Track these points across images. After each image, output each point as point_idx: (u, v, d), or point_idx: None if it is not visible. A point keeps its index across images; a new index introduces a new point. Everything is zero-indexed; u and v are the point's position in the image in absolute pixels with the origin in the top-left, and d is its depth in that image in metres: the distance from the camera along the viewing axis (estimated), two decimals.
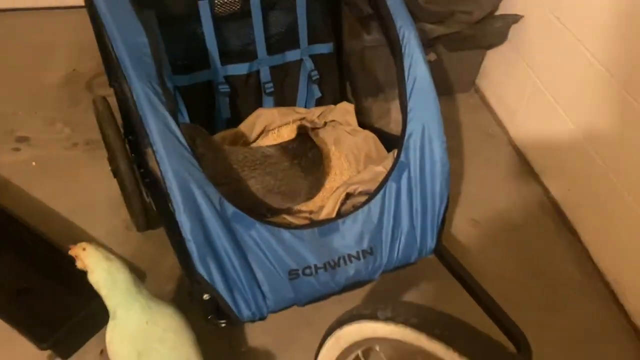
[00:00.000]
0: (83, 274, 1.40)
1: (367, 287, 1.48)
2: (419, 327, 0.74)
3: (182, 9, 1.35)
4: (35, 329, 1.26)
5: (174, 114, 1.02)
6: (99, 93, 2.09)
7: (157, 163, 1.02)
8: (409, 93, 1.20)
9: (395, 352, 0.86)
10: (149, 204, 1.50)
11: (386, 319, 0.79)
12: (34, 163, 1.83)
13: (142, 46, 1.04)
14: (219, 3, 1.38)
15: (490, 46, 2.03)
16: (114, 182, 1.72)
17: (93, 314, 1.34)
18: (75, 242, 1.48)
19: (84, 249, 1.08)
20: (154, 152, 1.02)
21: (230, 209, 1.06)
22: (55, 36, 2.37)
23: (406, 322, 0.75)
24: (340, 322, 0.89)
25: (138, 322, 1.07)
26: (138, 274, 1.50)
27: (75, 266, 1.38)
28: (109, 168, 1.68)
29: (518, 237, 1.71)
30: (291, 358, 1.37)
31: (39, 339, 1.23)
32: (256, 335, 1.41)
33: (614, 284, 1.56)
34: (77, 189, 1.75)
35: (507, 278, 1.57)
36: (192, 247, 1.03)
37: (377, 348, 0.88)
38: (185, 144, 1.02)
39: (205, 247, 1.04)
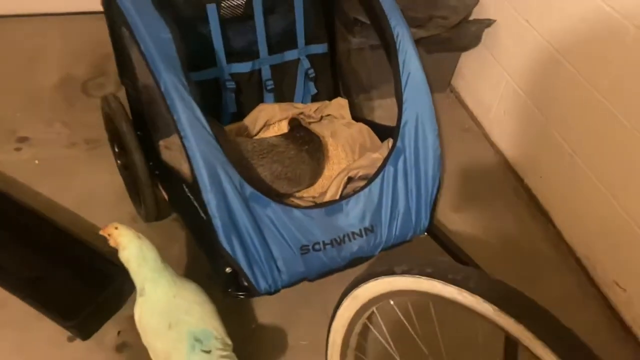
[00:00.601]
0: (93, 262, 1.49)
1: (365, 265, 1.60)
2: (433, 275, 0.86)
3: (191, 11, 1.46)
4: (59, 309, 1.33)
5: (199, 104, 1.12)
6: (95, 95, 2.19)
7: (185, 148, 1.12)
8: (403, 85, 1.33)
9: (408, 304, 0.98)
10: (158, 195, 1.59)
11: (402, 272, 0.91)
12: (36, 161, 1.89)
13: (168, 42, 1.14)
14: (225, 7, 1.50)
15: (466, 48, 2.20)
16: (117, 177, 1.81)
17: (109, 299, 1.42)
18: (84, 232, 1.57)
19: (116, 228, 1.17)
20: (181, 137, 1.12)
21: (248, 189, 1.17)
22: (48, 42, 2.43)
23: (421, 273, 0.88)
24: (357, 282, 1.01)
25: (166, 296, 1.16)
26: None
27: (85, 255, 1.47)
28: (116, 163, 1.77)
29: (496, 221, 1.86)
30: (297, 332, 1.48)
31: (65, 318, 1.30)
32: (263, 313, 1.51)
33: (584, 259, 1.72)
34: (80, 185, 1.82)
35: (488, 256, 1.68)
36: (217, 223, 1.13)
37: (392, 302, 1.00)
38: (210, 130, 1.12)
39: (228, 223, 1.14)
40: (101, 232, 1.19)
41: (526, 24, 1.85)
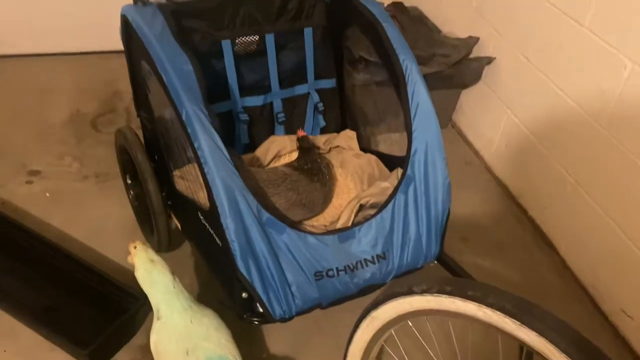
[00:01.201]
0: (106, 291, 1.50)
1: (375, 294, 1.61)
2: (452, 292, 0.88)
3: (207, 47, 1.52)
4: (72, 338, 1.33)
5: (219, 132, 1.16)
6: (104, 130, 2.23)
7: (204, 174, 1.15)
8: (412, 115, 1.37)
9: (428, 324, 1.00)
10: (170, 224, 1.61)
11: (422, 291, 0.93)
12: (47, 194, 1.91)
13: (189, 73, 1.19)
14: (238, 43, 1.56)
15: (467, 85, 2.27)
16: (127, 210, 1.84)
17: (122, 328, 1.42)
18: (95, 263, 1.58)
19: (135, 247, 1.18)
20: (201, 164, 1.15)
21: (265, 215, 1.19)
22: (59, 80, 2.50)
23: (441, 291, 0.90)
24: (375, 303, 1.03)
25: (183, 321, 1.17)
26: None
27: (97, 285, 1.49)
28: (127, 195, 1.80)
29: (502, 251, 1.88)
30: None
31: (77, 347, 1.30)
32: (274, 342, 1.51)
33: (591, 288, 1.74)
34: (91, 217, 1.84)
35: (496, 285, 1.73)
36: (235, 247, 1.15)
37: (410, 323, 1.01)
38: (229, 156, 1.16)
39: (246, 248, 1.16)
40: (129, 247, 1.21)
41: (525, 61, 1.92)
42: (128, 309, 1.42)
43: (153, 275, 1.19)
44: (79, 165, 2.06)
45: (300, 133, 1.57)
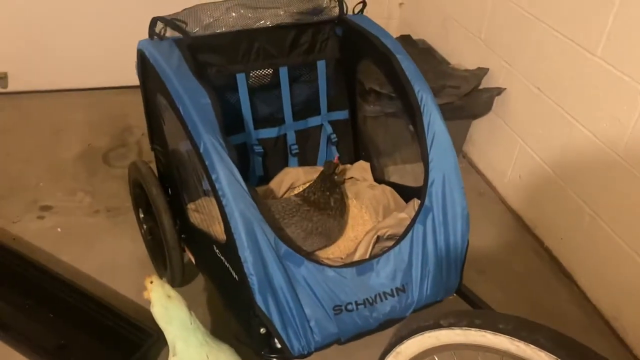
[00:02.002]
0: (119, 328, 1.47)
1: (390, 331, 1.57)
2: (482, 326, 0.85)
3: (222, 80, 1.53)
4: None
5: (236, 164, 1.16)
6: (116, 165, 2.24)
7: (222, 206, 1.13)
8: (429, 146, 1.37)
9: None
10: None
11: (449, 325, 0.90)
12: (59, 229, 1.90)
13: (207, 106, 1.19)
14: (253, 76, 1.58)
15: (477, 115, 2.27)
16: (139, 244, 1.82)
17: None
18: (107, 299, 1.56)
19: (151, 282, 1.16)
20: (218, 196, 1.14)
21: (282, 247, 1.17)
22: (70, 115, 2.53)
23: (470, 325, 0.87)
24: (400, 338, 1.00)
25: (199, 357, 1.14)
26: None
27: (110, 321, 1.46)
28: (139, 230, 1.78)
29: (521, 283, 1.85)
30: None
31: None
32: None
33: (613, 321, 1.69)
34: (103, 252, 1.82)
35: None
36: (254, 281, 1.12)
37: (436, 359, 0.98)
38: (247, 189, 1.15)
39: (264, 282, 1.14)
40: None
41: (537, 91, 1.92)
42: (141, 346, 1.39)
43: (170, 311, 1.17)
44: (91, 200, 2.05)
45: (336, 160, 1.55)
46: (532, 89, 1.95)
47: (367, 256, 1.36)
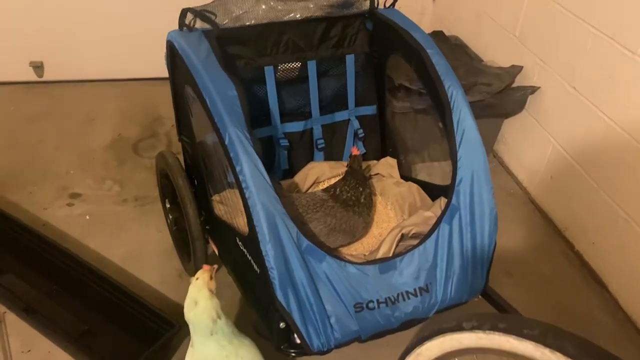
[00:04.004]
0: (142, 316, 1.48)
1: (413, 330, 1.55)
2: (507, 330, 0.82)
3: (250, 73, 1.52)
4: None
5: (261, 157, 1.15)
6: (145, 155, 2.26)
7: (245, 199, 1.13)
8: (458, 143, 1.33)
9: None
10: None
11: (472, 328, 0.88)
12: (87, 217, 1.93)
13: (234, 99, 1.19)
14: (281, 69, 1.57)
15: (509, 114, 2.22)
16: (164, 234, 1.83)
17: (157, 354, 1.40)
18: (131, 287, 1.57)
19: (196, 278, 1.15)
20: (242, 188, 1.13)
21: (304, 242, 1.16)
22: (101, 105, 2.57)
23: (494, 328, 0.84)
24: (421, 339, 0.97)
25: (219, 354, 1.13)
26: None
27: (133, 309, 1.47)
28: (165, 220, 1.80)
29: (549, 287, 1.80)
30: None
31: None
32: None
33: None
34: (129, 241, 1.84)
35: None
36: (274, 275, 1.12)
37: None
38: (270, 182, 1.14)
39: (285, 276, 1.13)
40: None
41: (572, 90, 1.86)
42: (163, 335, 1.40)
43: (196, 314, 1.15)
44: (119, 189, 2.08)
45: (355, 152, 1.48)
46: (567, 87, 1.89)
47: (391, 254, 1.34)
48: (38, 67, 2.64)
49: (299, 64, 1.58)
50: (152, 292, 1.66)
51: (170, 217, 1.74)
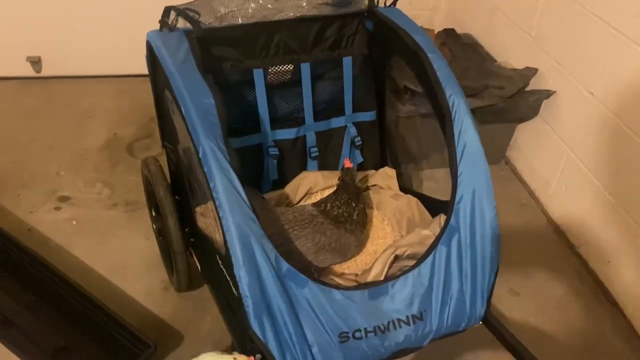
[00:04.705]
0: (119, 336, 1.40)
1: (411, 356, 1.44)
2: None
3: (237, 76, 1.42)
4: None
5: (238, 172, 1.05)
6: (139, 157, 2.18)
7: (219, 218, 1.03)
8: (459, 158, 1.22)
9: None
10: (192, 264, 1.51)
11: None
12: (74, 222, 1.86)
13: (210, 107, 1.09)
14: (271, 72, 1.46)
15: (522, 120, 2.09)
16: (152, 243, 1.75)
17: None
18: (114, 300, 1.49)
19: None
20: (216, 207, 1.04)
21: (284, 266, 1.06)
22: (99, 102, 2.49)
23: None
24: None
25: None
26: (175, 337, 1.49)
27: (111, 328, 1.39)
28: (152, 228, 1.71)
29: (559, 308, 1.68)
30: None
31: None
32: None
33: None
34: (116, 249, 1.77)
35: (550, 349, 1.53)
36: (248, 303, 1.02)
37: None
38: (247, 201, 1.04)
39: (261, 304, 1.03)
40: None
41: (590, 96, 1.73)
42: (139, 356, 1.32)
43: None
44: (110, 192, 2.00)
45: (347, 164, 1.35)
46: (585, 93, 1.75)
47: (382, 277, 1.23)
48: (35, 62, 2.57)
49: (291, 67, 1.47)
50: (135, 306, 1.58)
51: (155, 226, 1.65)
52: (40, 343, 1.41)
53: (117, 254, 1.74)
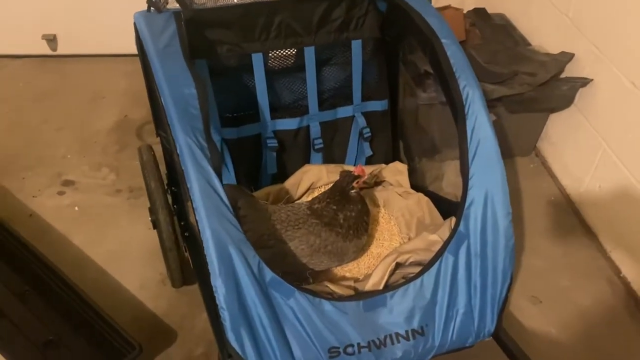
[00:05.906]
0: (107, 335, 1.35)
1: None
2: None
3: (235, 61, 1.32)
4: None
5: (218, 171, 0.95)
6: (148, 140, 2.10)
7: (196, 221, 0.94)
8: (471, 157, 1.09)
9: None
10: (187, 258, 1.44)
11: None
12: (76, 208, 1.81)
13: (190, 98, 0.99)
14: (272, 57, 1.35)
15: (554, 109, 1.92)
16: (153, 233, 1.67)
17: None
18: (108, 292, 1.43)
19: None
20: (194, 209, 0.95)
21: (269, 274, 0.97)
22: (110, 82, 2.43)
23: None
24: None
25: None
26: (168, 333, 1.43)
27: (100, 327, 1.33)
28: (150, 218, 1.64)
29: (585, 320, 1.53)
30: None
31: None
32: None
33: None
34: (115, 238, 1.71)
35: None
36: (225, 315, 0.94)
37: None
38: (227, 203, 0.95)
39: (239, 316, 0.95)
40: None
41: (631, 86, 1.55)
42: (124, 356, 1.26)
43: None
44: (115, 177, 1.94)
45: (359, 171, 1.18)
46: (626, 82, 1.58)
47: (381, 286, 1.12)
48: (51, 40, 2.52)
49: (294, 51, 1.36)
50: (129, 299, 1.52)
51: (150, 218, 1.57)
52: (30, 335, 1.37)
53: (116, 243, 1.69)
